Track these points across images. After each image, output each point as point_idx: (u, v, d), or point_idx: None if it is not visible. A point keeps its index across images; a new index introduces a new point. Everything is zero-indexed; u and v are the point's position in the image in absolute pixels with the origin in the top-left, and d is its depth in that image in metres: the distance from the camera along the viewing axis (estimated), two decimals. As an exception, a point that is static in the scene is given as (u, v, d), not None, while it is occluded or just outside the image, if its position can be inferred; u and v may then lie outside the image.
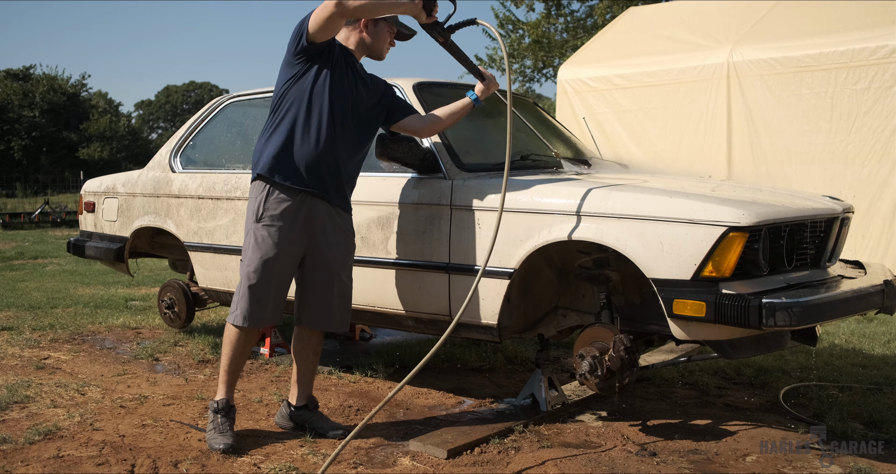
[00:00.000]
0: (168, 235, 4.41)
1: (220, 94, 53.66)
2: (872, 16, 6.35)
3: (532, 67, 15.52)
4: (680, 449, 2.92)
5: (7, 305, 5.92)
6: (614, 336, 2.88)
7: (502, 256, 3.05)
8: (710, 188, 3.07)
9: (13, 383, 3.71)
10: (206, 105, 4.56)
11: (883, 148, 6.06)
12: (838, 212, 3.10)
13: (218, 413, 2.97)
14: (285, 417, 3.15)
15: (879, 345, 4.71)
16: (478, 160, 3.39)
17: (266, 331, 4.43)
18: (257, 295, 2.93)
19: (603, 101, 7.62)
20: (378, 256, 3.39)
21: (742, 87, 6.72)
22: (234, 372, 3.02)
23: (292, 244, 2.95)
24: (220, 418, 2.95)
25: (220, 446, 2.86)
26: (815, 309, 2.58)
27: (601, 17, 13.75)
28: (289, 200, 2.92)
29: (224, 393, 3.00)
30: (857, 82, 6.16)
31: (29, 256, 9.91)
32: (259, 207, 2.93)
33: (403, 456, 2.85)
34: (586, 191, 2.94)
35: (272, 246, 2.91)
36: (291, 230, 2.93)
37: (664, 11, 8.43)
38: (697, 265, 2.63)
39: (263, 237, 2.92)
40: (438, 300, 3.23)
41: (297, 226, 2.94)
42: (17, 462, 2.73)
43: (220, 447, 2.85)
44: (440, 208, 3.21)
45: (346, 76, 2.99)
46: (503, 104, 4.21)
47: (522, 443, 2.96)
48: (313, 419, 3.11)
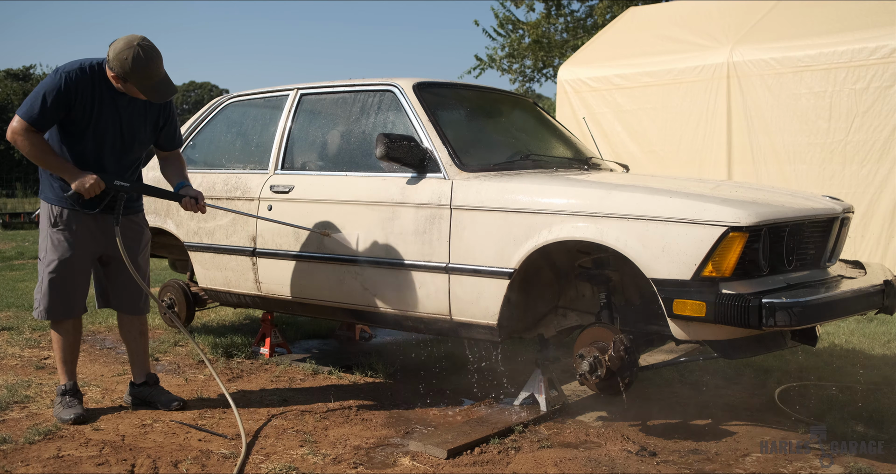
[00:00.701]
0: (168, 235, 4.41)
1: (220, 94, 53.52)
2: (872, 16, 6.35)
3: (532, 67, 15.51)
4: (680, 449, 2.92)
5: (7, 305, 5.92)
6: (614, 336, 2.89)
7: (502, 256, 3.05)
8: (710, 188, 3.07)
9: (13, 383, 3.71)
10: (206, 105, 4.56)
11: (882, 147, 6.06)
12: (838, 212, 3.10)
13: (66, 394, 3.26)
14: (128, 394, 3.46)
15: (879, 345, 4.71)
16: (478, 160, 3.39)
17: (266, 331, 4.44)
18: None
19: (603, 100, 7.62)
20: (378, 256, 3.39)
21: (742, 86, 6.72)
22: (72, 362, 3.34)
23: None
24: (68, 398, 3.26)
25: (71, 416, 3.16)
26: (815, 309, 2.58)
27: (601, 17, 13.74)
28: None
29: (67, 378, 3.29)
30: (857, 82, 6.16)
31: (29, 256, 9.91)
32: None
33: (403, 456, 2.85)
34: (586, 191, 2.94)
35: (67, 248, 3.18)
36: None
37: (664, 11, 8.43)
38: (697, 265, 2.63)
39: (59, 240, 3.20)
40: (438, 300, 3.23)
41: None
42: (17, 462, 2.73)
43: (70, 417, 3.15)
44: (440, 208, 3.21)
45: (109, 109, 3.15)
46: (503, 104, 4.21)
47: (522, 443, 2.96)
48: (153, 393, 3.42)
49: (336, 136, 3.87)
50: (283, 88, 4.10)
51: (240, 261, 3.94)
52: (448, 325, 3.26)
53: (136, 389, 3.44)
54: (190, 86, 59.24)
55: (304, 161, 3.91)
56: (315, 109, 4.01)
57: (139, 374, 3.46)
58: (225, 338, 4.61)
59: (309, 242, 3.65)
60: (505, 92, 4.30)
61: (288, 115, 3.98)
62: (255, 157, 4.14)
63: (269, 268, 3.82)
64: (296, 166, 3.89)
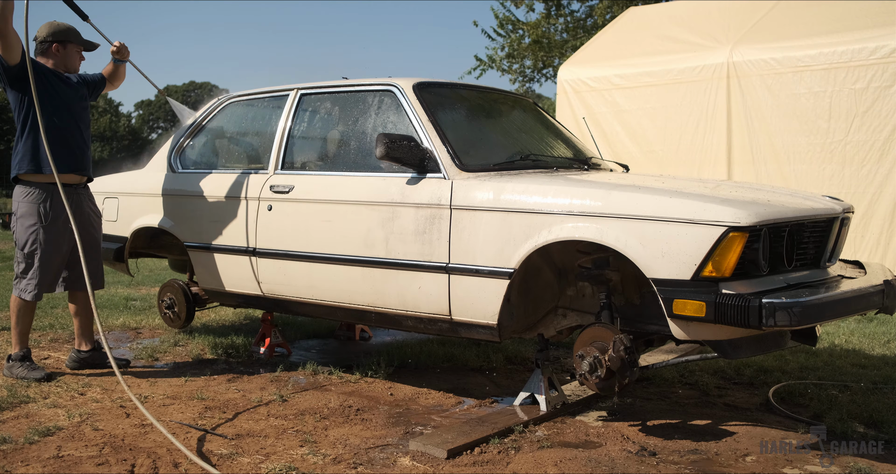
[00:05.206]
0: (168, 235, 4.41)
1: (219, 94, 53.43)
2: (872, 16, 6.35)
3: (532, 67, 15.50)
4: (680, 449, 2.92)
5: (7, 305, 5.91)
6: (614, 336, 2.88)
7: (502, 256, 3.05)
8: (710, 188, 3.07)
9: (13, 383, 3.71)
10: (206, 104, 4.56)
11: (882, 147, 6.06)
12: (838, 211, 3.10)
13: (25, 359, 3.85)
14: (75, 360, 4.04)
15: (879, 344, 4.71)
16: (478, 160, 3.39)
17: (266, 331, 4.44)
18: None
19: (602, 100, 7.62)
20: (378, 256, 3.39)
21: (742, 86, 6.72)
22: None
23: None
24: (28, 362, 3.84)
25: (42, 375, 3.76)
26: (815, 309, 2.58)
27: (601, 17, 13.74)
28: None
29: (23, 346, 3.88)
30: (857, 82, 6.16)
31: (29, 256, 9.91)
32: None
33: (403, 456, 2.85)
34: (586, 191, 2.94)
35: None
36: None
37: (664, 11, 8.43)
38: (697, 265, 2.63)
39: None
40: (438, 300, 3.23)
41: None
42: (17, 462, 2.73)
43: (42, 375, 3.76)
44: (440, 208, 3.21)
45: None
46: (503, 104, 4.21)
47: (522, 443, 2.96)
48: (98, 356, 4.05)
49: (336, 136, 3.87)
50: (283, 88, 4.10)
51: (240, 260, 3.94)
52: (448, 325, 3.26)
53: (86, 355, 4.04)
54: (190, 86, 59.26)
55: (304, 161, 3.91)
56: (315, 109, 4.01)
57: (88, 342, 4.08)
58: (225, 338, 4.61)
59: (309, 242, 3.65)
60: (505, 92, 4.30)
61: (288, 114, 3.98)
62: (254, 157, 4.14)
63: (270, 268, 3.82)
64: (296, 166, 3.89)
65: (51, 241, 3.80)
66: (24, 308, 3.85)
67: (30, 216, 3.78)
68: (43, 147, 3.68)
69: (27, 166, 3.77)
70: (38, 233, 3.77)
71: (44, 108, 3.67)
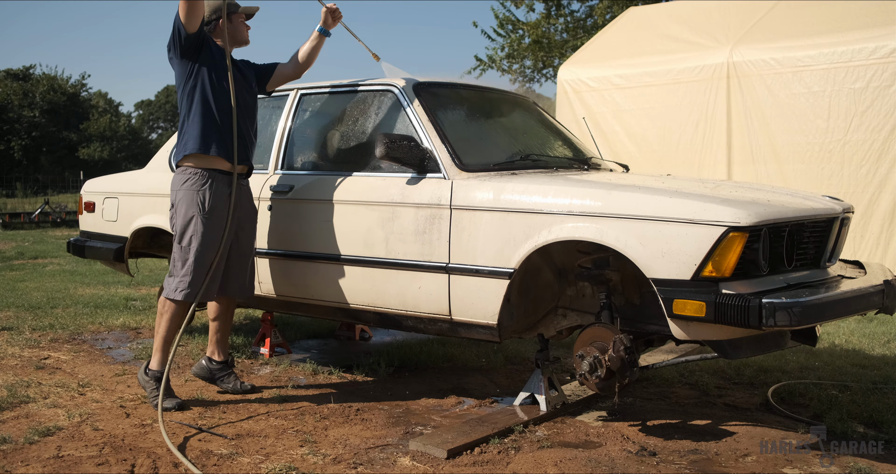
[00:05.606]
0: (168, 235, 4.40)
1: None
2: (872, 16, 6.36)
3: (532, 67, 15.51)
4: (680, 449, 2.92)
5: (7, 305, 5.92)
6: (614, 336, 2.89)
7: (502, 256, 3.05)
8: (710, 188, 3.07)
9: (13, 383, 3.71)
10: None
11: (881, 147, 6.06)
12: (838, 211, 3.10)
13: (159, 379, 3.39)
14: (206, 370, 3.70)
15: (879, 345, 4.71)
16: (478, 160, 3.39)
17: (266, 331, 4.44)
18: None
19: (602, 100, 7.62)
20: (378, 256, 3.39)
21: (741, 86, 6.72)
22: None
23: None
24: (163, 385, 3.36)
25: (174, 404, 3.38)
26: (815, 309, 2.58)
27: (601, 17, 13.75)
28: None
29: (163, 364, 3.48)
30: (856, 82, 6.16)
31: (29, 256, 9.91)
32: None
33: (403, 456, 2.85)
34: (586, 191, 2.94)
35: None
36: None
37: (664, 11, 8.43)
38: (697, 265, 2.63)
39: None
40: (438, 300, 3.23)
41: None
42: (17, 462, 2.73)
43: (174, 404, 3.38)
44: (440, 208, 3.21)
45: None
46: (503, 104, 4.21)
47: (522, 443, 2.96)
48: (224, 369, 3.71)
49: (336, 136, 3.87)
50: (282, 88, 4.10)
51: (240, 261, 3.94)
52: (448, 325, 3.27)
53: (217, 366, 3.71)
54: (190, 86, 59.06)
55: (304, 161, 3.91)
56: (315, 109, 4.01)
57: (223, 353, 3.74)
58: (225, 338, 4.61)
59: (309, 242, 3.65)
60: (505, 92, 4.30)
61: (288, 114, 3.98)
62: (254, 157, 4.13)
63: (269, 268, 3.82)
64: (296, 166, 3.88)
65: (209, 233, 3.40)
66: (171, 311, 3.39)
67: (189, 204, 3.40)
68: (210, 128, 3.41)
69: (192, 147, 3.41)
70: (196, 224, 3.38)
71: (215, 89, 3.44)
